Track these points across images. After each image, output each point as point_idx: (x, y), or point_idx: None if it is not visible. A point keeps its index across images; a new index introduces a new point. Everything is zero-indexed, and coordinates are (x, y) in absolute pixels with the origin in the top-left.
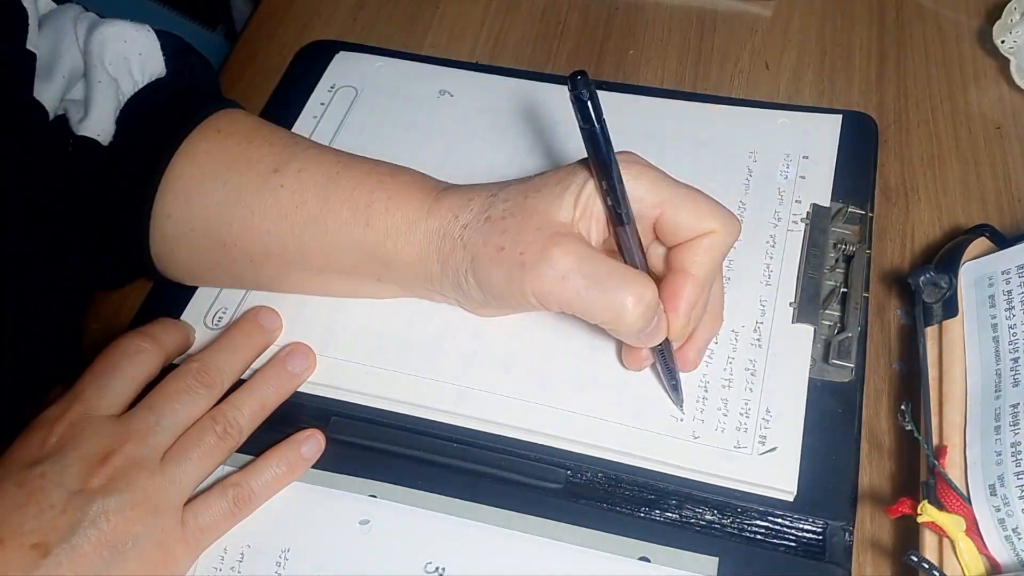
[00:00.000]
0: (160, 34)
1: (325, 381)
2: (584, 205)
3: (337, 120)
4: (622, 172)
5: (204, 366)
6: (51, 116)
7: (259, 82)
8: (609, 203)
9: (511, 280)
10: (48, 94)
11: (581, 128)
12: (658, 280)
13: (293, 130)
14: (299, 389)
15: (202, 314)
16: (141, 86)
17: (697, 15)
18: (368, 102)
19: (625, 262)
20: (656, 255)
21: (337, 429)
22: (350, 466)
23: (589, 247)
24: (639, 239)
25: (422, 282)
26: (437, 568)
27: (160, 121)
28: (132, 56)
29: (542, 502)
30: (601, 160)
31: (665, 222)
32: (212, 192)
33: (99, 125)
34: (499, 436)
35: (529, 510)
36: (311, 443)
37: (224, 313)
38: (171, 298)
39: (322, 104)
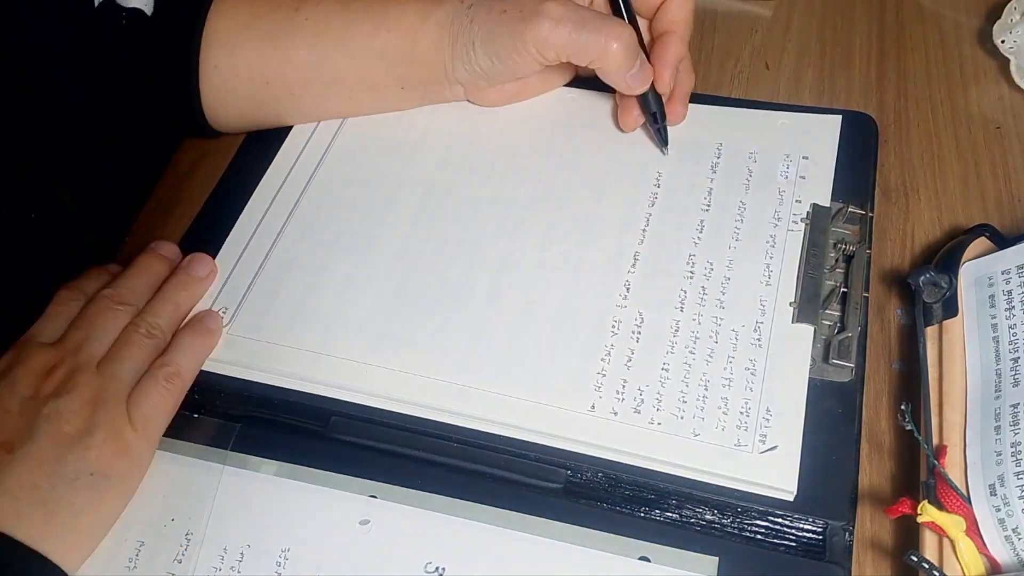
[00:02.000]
0: None
1: (325, 381)
2: None
3: (337, 120)
4: None
5: (117, 290)
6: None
7: None
8: None
9: (514, 34)
10: None
11: None
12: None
13: (293, 131)
14: (299, 388)
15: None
16: None
17: (697, 15)
18: None
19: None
20: (643, 27)
21: (337, 429)
22: (350, 466)
23: (576, 2)
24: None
25: (437, 72)
26: (437, 568)
27: None
28: None
29: (542, 502)
30: None
31: None
32: (248, 38)
33: None
34: (499, 436)
35: (529, 510)
36: (212, 318)
37: (224, 313)
38: None
39: None
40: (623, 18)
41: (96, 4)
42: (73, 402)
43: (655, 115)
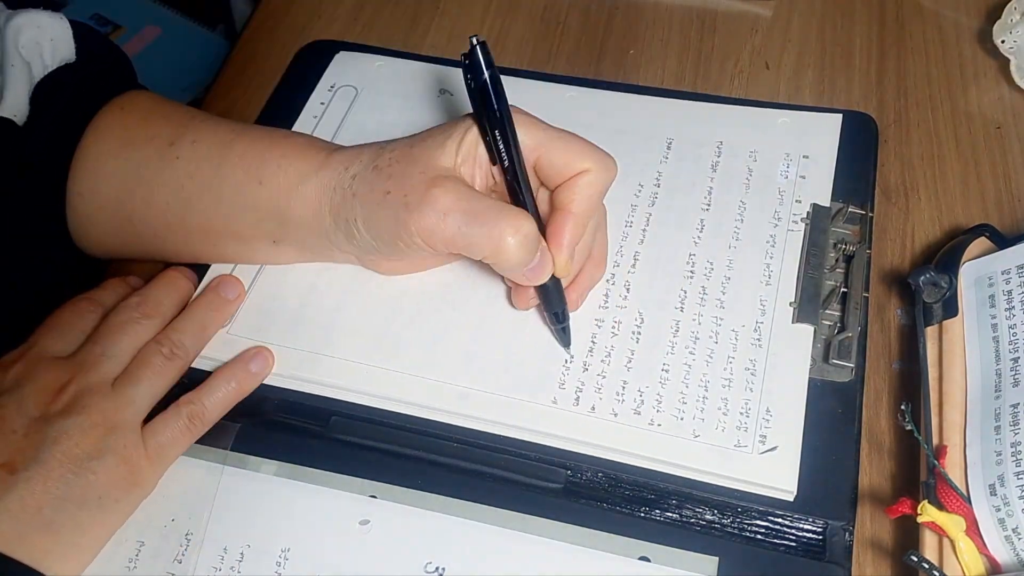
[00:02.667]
0: (75, 24)
1: (325, 381)
2: (466, 152)
3: (337, 120)
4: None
5: (142, 300)
6: None
7: (259, 82)
8: (499, 147)
9: (397, 221)
10: None
11: (468, 83)
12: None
13: (293, 129)
14: (299, 388)
15: None
16: (51, 69)
17: (697, 15)
18: (368, 102)
19: (514, 203)
20: (543, 200)
21: (337, 429)
22: (350, 466)
23: (470, 188)
24: (527, 181)
25: (317, 238)
26: (437, 568)
27: (69, 102)
28: (44, 41)
29: (542, 502)
30: (493, 109)
31: (542, 164)
32: (115, 169)
33: (14, 106)
34: (499, 436)
35: (529, 510)
36: (259, 360)
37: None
38: None
39: (322, 104)
40: (520, 200)
41: None
42: (83, 424)
43: (557, 315)
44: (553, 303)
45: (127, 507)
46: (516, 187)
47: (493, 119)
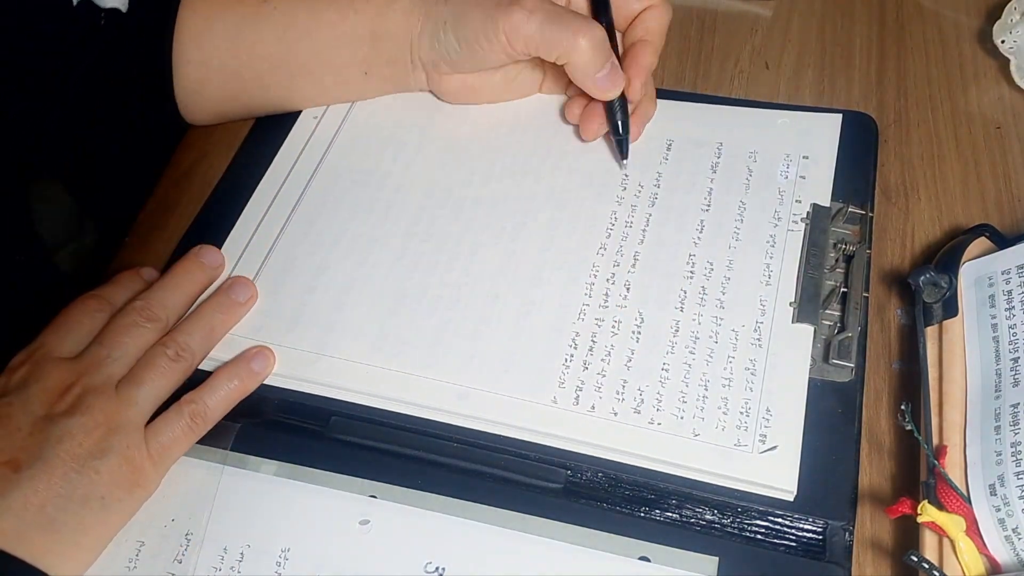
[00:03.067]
0: None
1: (325, 381)
2: None
3: (337, 120)
4: None
5: (147, 303)
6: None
7: None
8: None
9: (487, 19)
10: None
11: None
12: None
13: (294, 129)
14: (299, 389)
15: None
16: None
17: (697, 15)
18: (368, 103)
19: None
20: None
21: (337, 429)
22: (350, 466)
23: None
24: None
25: (402, 52)
26: (437, 568)
27: None
28: None
29: (542, 502)
30: None
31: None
32: (218, 32)
33: None
34: (499, 436)
35: (529, 510)
36: (260, 358)
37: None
38: None
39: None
40: (599, 16)
41: (75, 4)
42: (86, 424)
43: (619, 125)
44: (617, 115)
45: (129, 507)
46: (596, 4)
47: None
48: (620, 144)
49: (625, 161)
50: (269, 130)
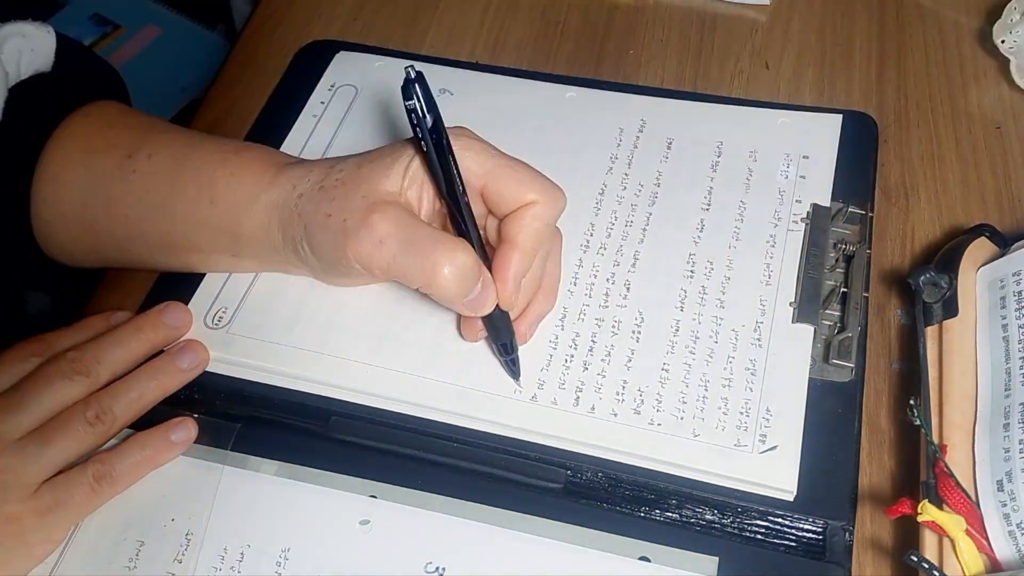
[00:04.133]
0: (60, 36)
1: (325, 381)
2: (412, 176)
3: (337, 119)
4: (452, 144)
5: (81, 355)
6: None
7: (259, 82)
8: (441, 174)
9: (335, 245)
10: None
11: (406, 106)
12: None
13: (293, 130)
14: (299, 388)
15: (202, 313)
16: (23, 77)
17: (697, 15)
18: (368, 101)
19: (457, 233)
20: (493, 228)
21: (337, 429)
22: (350, 466)
23: (411, 215)
24: (470, 210)
25: (269, 253)
26: (437, 568)
27: (36, 109)
28: (26, 50)
29: (542, 502)
30: (427, 135)
31: (489, 193)
32: (77, 178)
33: None
34: (499, 436)
35: (529, 510)
36: (180, 430)
37: (224, 313)
38: (170, 299)
39: (322, 103)
40: (463, 229)
41: None
42: None
43: (504, 345)
44: (500, 335)
45: (8, 567)
46: (456, 216)
47: (431, 148)
48: (508, 366)
49: (518, 381)
50: (269, 130)
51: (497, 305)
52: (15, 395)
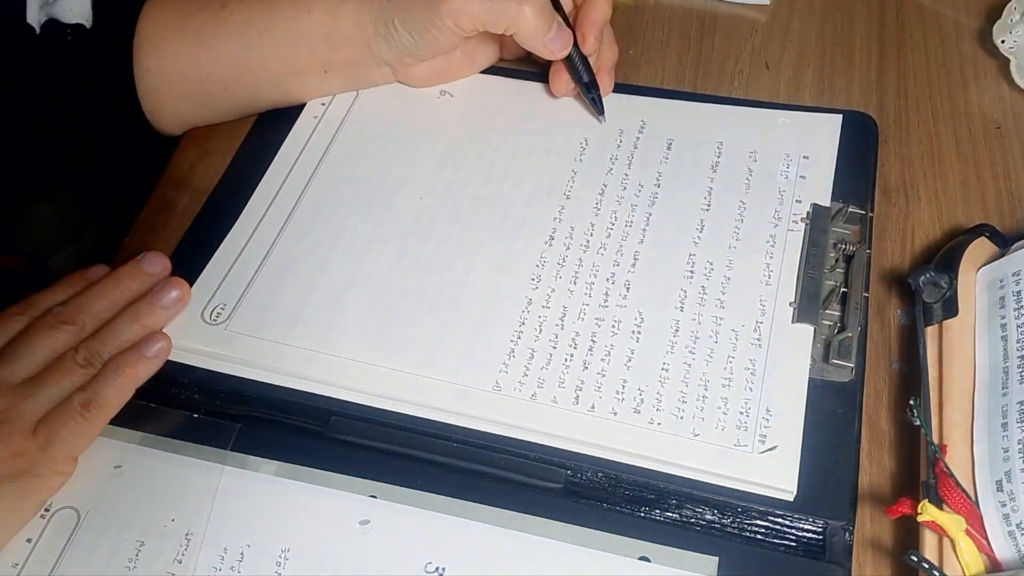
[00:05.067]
0: None
1: (325, 380)
2: None
3: (337, 120)
4: None
5: (66, 307)
6: (38, 31)
7: None
8: None
9: (430, 8)
10: (32, 13)
11: None
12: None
13: (293, 130)
14: (299, 388)
15: (199, 309)
16: None
17: (697, 15)
18: (368, 102)
19: None
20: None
21: (337, 429)
22: (350, 466)
23: None
24: None
25: (361, 51)
26: (437, 568)
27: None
28: None
29: (542, 502)
30: None
31: None
32: (178, 39)
33: (82, 13)
34: (499, 436)
35: (529, 510)
36: (154, 344)
37: (223, 309)
38: None
39: (323, 104)
40: None
41: (38, 31)
42: None
43: (587, 84)
44: (582, 74)
45: (20, 493)
46: None
47: None
48: (592, 101)
49: (602, 116)
50: (269, 130)
51: (581, 52)
52: (8, 347)
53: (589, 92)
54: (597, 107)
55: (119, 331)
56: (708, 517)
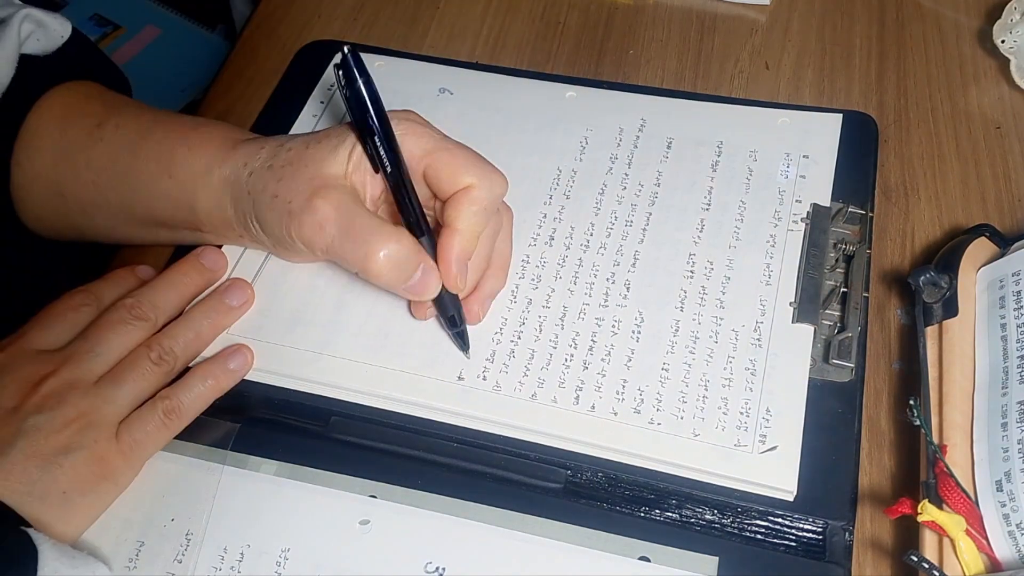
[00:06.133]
0: (76, 32)
1: (325, 380)
2: (357, 160)
3: (336, 119)
4: (393, 128)
5: (138, 301)
6: None
7: (259, 82)
8: (380, 155)
9: (281, 225)
10: None
11: (341, 92)
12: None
13: (293, 130)
14: (299, 388)
15: None
16: (30, 52)
17: (697, 15)
18: None
19: (401, 215)
20: (440, 210)
21: (337, 429)
22: (350, 466)
23: (353, 201)
24: (412, 191)
25: (224, 228)
26: (437, 568)
27: (31, 80)
28: (37, 34)
29: (542, 502)
30: (364, 119)
31: (429, 176)
32: (49, 144)
33: (4, 76)
34: (499, 436)
35: (529, 510)
36: (238, 357)
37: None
38: None
39: (322, 103)
40: (406, 210)
41: None
42: (56, 419)
43: (451, 319)
44: (446, 309)
45: (97, 501)
46: (398, 196)
47: (365, 129)
48: (456, 338)
49: (467, 353)
50: (269, 130)
51: (443, 287)
52: (84, 343)
53: (453, 327)
54: (461, 343)
55: (191, 327)
56: (708, 517)
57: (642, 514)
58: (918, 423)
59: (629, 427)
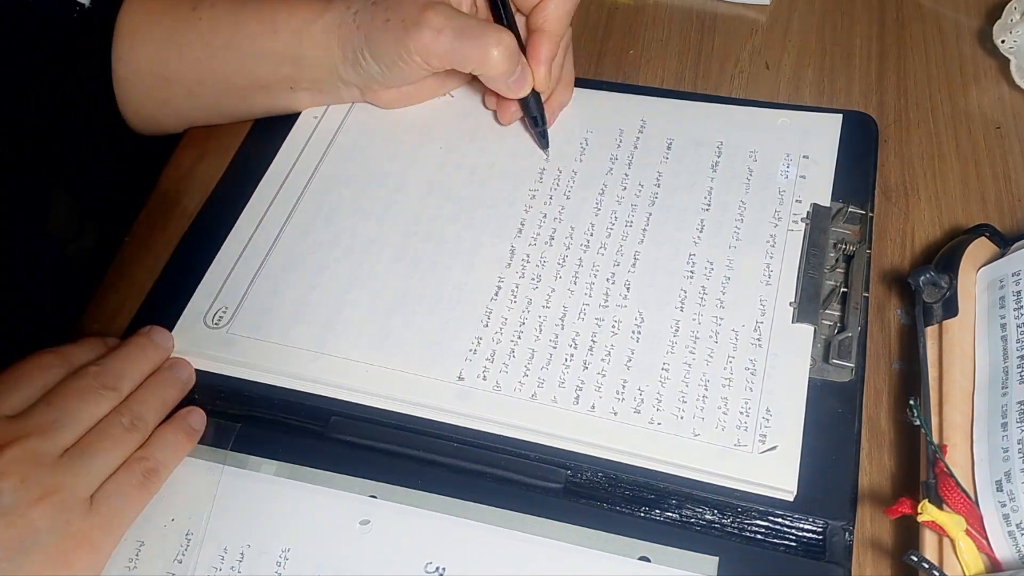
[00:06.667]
0: None
1: (325, 380)
2: None
3: (337, 120)
4: None
5: (104, 370)
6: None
7: None
8: None
9: (398, 42)
10: None
11: None
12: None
13: (293, 130)
14: (299, 388)
15: (202, 313)
16: None
17: (697, 15)
18: (369, 104)
19: (493, 17)
20: (521, 26)
21: (337, 429)
22: (350, 466)
23: (457, 10)
24: (508, 3)
25: (328, 74)
26: (437, 568)
27: None
28: None
29: (542, 502)
30: None
31: None
32: (148, 35)
33: None
34: (499, 436)
35: (529, 510)
36: (195, 416)
37: (224, 312)
38: (169, 299)
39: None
40: (503, 22)
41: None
42: (22, 502)
43: (535, 119)
44: (532, 109)
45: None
46: (496, 6)
47: None
48: (539, 136)
49: (546, 152)
50: (269, 130)
51: (534, 90)
52: (49, 411)
53: (536, 126)
54: (542, 141)
55: (157, 392)
56: (708, 517)
57: (642, 514)
58: (918, 423)
59: (629, 427)
